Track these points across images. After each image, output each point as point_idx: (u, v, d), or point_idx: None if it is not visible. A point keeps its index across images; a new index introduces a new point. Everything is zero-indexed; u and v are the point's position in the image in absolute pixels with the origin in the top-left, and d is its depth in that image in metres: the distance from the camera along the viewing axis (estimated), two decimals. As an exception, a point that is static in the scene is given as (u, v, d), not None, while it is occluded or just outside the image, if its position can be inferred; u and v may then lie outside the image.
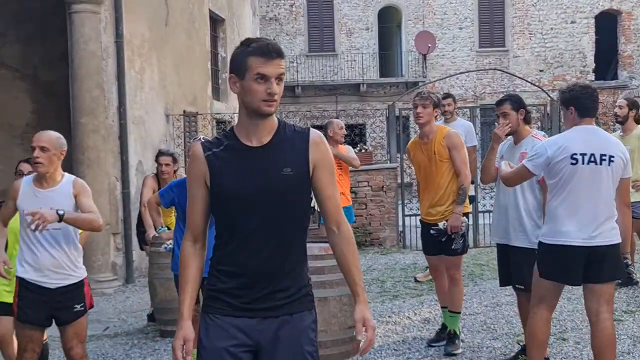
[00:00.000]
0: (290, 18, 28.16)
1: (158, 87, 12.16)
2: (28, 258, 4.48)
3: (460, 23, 28.07)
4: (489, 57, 28.00)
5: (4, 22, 11.84)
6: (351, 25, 28.24)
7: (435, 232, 5.98)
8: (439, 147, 5.98)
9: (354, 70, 27.85)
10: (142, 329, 7.65)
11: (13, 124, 11.91)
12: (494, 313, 7.39)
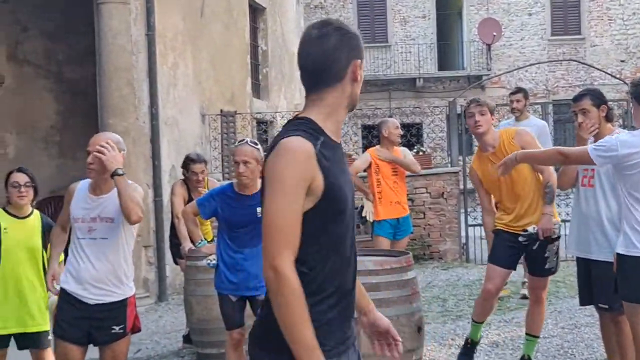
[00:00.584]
0: (337, 6, 28.18)
1: (193, 84, 12.27)
2: (71, 268, 4.57)
3: (529, 8, 27.76)
4: (563, 47, 27.63)
5: (26, 16, 12.08)
6: (406, 13, 28.15)
7: (525, 239, 5.79)
8: (513, 149, 5.73)
9: (409, 63, 27.75)
10: (177, 352, 7.71)
11: (36, 126, 12.14)
12: (571, 336, 7.28)
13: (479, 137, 5.99)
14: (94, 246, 4.54)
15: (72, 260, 4.58)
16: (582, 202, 5.40)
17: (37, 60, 12.16)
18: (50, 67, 12.13)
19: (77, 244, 4.58)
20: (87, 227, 4.55)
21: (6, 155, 12.07)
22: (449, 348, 7.12)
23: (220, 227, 5.58)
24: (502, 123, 9.50)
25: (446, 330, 7.75)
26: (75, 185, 4.74)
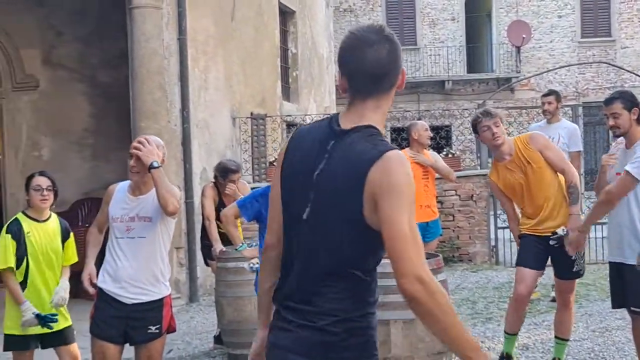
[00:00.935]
0: (366, 9, 28.17)
1: (224, 87, 12.31)
2: (108, 267, 4.59)
3: (559, 10, 27.56)
4: (593, 49, 27.40)
5: (60, 21, 12.19)
6: (435, 15, 28.07)
7: (556, 241, 5.69)
8: (530, 154, 5.74)
9: (438, 66, 27.66)
10: (208, 352, 7.74)
11: (70, 128, 12.22)
12: (602, 339, 7.21)
13: (496, 148, 5.86)
14: (132, 245, 4.57)
15: (110, 259, 4.61)
16: (616, 208, 5.32)
17: (71, 64, 12.24)
18: (84, 70, 12.21)
19: (115, 243, 4.61)
20: (125, 227, 4.57)
21: (41, 158, 12.18)
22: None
23: (262, 230, 5.35)
24: (533, 126, 9.42)
25: (476, 333, 7.71)
26: (114, 187, 4.79)
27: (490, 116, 5.76)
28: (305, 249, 2.55)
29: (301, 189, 2.56)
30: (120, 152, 11.56)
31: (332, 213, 2.47)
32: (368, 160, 2.41)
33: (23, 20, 12.24)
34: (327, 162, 2.50)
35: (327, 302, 2.48)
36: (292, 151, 2.65)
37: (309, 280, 2.52)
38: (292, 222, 2.60)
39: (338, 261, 2.48)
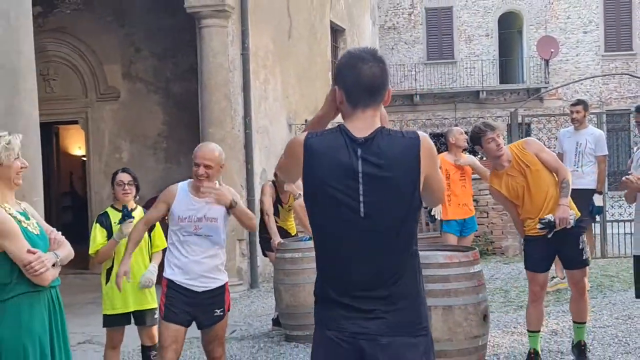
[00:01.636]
0: (408, 26, 28.06)
1: (281, 97, 12.37)
2: (176, 261, 4.58)
3: (584, 27, 27.13)
4: (616, 61, 26.92)
5: (138, 39, 12.36)
6: (470, 32, 27.85)
7: (543, 226, 5.54)
8: (528, 158, 5.61)
9: (473, 77, 27.45)
10: (267, 333, 7.76)
11: (146, 134, 12.39)
12: (625, 326, 7.06)
13: (497, 158, 5.67)
14: (200, 242, 4.57)
15: (177, 254, 4.59)
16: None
17: (148, 77, 12.39)
18: (159, 83, 12.36)
19: (183, 240, 4.58)
20: (193, 226, 4.55)
21: (121, 160, 12.35)
22: (511, 335, 7.00)
23: None
24: (562, 131, 9.26)
25: (509, 319, 7.62)
26: (175, 188, 4.69)
27: (493, 129, 5.63)
28: (369, 242, 2.58)
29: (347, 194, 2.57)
30: (189, 155, 11.64)
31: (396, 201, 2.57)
32: (414, 146, 2.60)
33: (106, 39, 12.45)
34: (365, 166, 2.56)
35: (403, 285, 2.59)
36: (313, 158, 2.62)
37: (386, 268, 2.58)
38: (343, 226, 2.59)
39: (406, 238, 2.61)
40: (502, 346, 6.64)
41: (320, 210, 2.64)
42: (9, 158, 3.44)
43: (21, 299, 3.38)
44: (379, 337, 2.54)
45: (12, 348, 3.33)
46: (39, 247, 3.44)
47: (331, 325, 2.60)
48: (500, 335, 6.98)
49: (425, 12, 27.97)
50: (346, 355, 2.57)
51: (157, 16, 12.11)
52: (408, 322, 2.58)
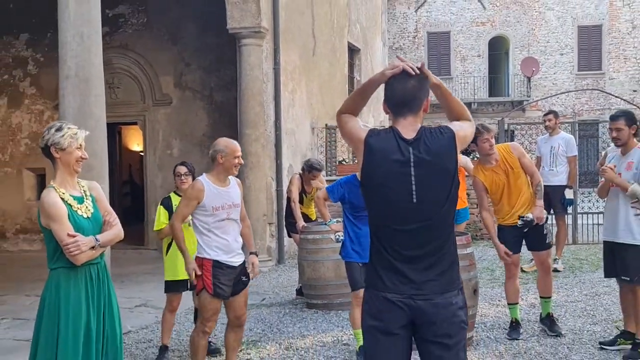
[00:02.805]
0: (413, 47, 27.92)
1: (306, 105, 12.35)
2: (218, 244, 4.45)
3: (561, 50, 26.87)
4: (587, 79, 26.63)
5: (188, 55, 12.39)
6: (465, 52, 27.66)
7: (523, 223, 5.54)
8: (512, 160, 5.57)
9: (466, 91, 27.27)
10: (291, 301, 7.78)
11: (193, 134, 12.42)
12: (593, 301, 7.02)
13: (489, 156, 5.59)
14: (232, 225, 4.52)
15: (216, 238, 4.45)
16: (613, 199, 5.22)
17: (195, 87, 12.42)
18: (204, 92, 12.38)
19: (219, 226, 4.46)
20: (226, 213, 4.47)
21: (172, 155, 12.40)
22: (496, 307, 6.97)
23: (345, 210, 5.32)
24: (540, 138, 9.19)
25: (494, 294, 7.58)
26: (201, 185, 4.43)
27: (489, 131, 5.56)
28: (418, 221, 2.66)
29: (401, 184, 2.66)
30: (229, 151, 11.70)
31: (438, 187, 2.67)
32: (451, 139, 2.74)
33: (162, 54, 12.48)
34: (417, 163, 2.66)
35: (447, 253, 2.72)
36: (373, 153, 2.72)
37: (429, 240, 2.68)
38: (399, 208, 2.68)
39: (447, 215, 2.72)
40: (489, 316, 6.61)
41: (379, 197, 2.71)
42: (71, 145, 3.39)
43: (61, 271, 3.36)
44: (432, 296, 2.65)
45: (50, 309, 3.35)
46: (85, 229, 3.37)
47: (389, 289, 2.67)
48: (487, 307, 6.95)
49: (427, 35, 27.81)
50: (402, 313, 2.66)
51: (204, 36, 12.12)
52: (450, 282, 2.70)
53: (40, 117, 13.36)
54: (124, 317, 6.79)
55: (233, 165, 4.48)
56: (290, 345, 5.83)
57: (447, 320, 2.65)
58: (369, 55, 17.37)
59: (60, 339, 3.31)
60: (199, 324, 4.54)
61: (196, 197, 4.41)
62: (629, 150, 5.16)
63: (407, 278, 2.66)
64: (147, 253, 12.13)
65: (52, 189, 3.37)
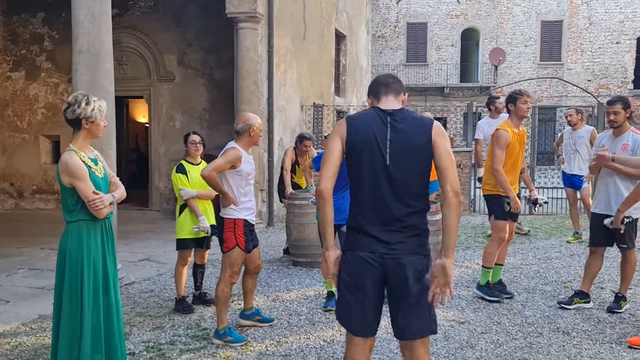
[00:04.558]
0: (393, 36, 27.70)
1: (296, 84, 12.25)
2: (247, 205, 4.50)
3: (525, 42, 26.79)
4: (547, 69, 26.63)
5: (190, 36, 12.21)
6: (440, 42, 27.50)
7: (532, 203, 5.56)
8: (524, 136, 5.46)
9: (440, 77, 27.18)
10: (279, 259, 7.81)
11: (194, 108, 12.31)
12: (545, 265, 7.10)
13: (522, 119, 5.36)
14: (252, 188, 4.62)
15: (246, 200, 4.49)
16: (605, 176, 5.13)
17: (196, 65, 12.27)
18: (204, 70, 12.23)
19: (247, 190, 4.51)
20: (252, 178, 4.57)
21: (174, 127, 12.29)
22: (459, 268, 7.04)
23: None
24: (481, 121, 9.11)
25: (458, 256, 7.65)
26: (238, 152, 4.39)
27: (529, 96, 5.38)
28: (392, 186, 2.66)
29: (377, 147, 2.66)
30: (226, 125, 11.60)
31: (411, 157, 2.66)
32: (429, 124, 2.69)
33: (166, 35, 12.28)
34: (393, 129, 2.67)
35: (417, 219, 2.70)
36: (354, 128, 2.71)
37: (401, 206, 2.67)
38: (374, 171, 2.67)
39: (417, 185, 2.69)
40: (453, 275, 6.67)
41: (357, 162, 2.70)
42: (98, 117, 3.43)
43: (82, 224, 3.38)
44: (402, 256, 2.64)
45: (73, 259, 3.36)
46: (101, 187, 3.43)
47: (364, 248, 2.66)
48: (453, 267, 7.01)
49: (407, 25, 27.57)
50: (374, 270, 2.66)
51: (205, 19, 11.94)
52: (419, 246, 2.69)
53: (56, 90, 13.18)
54: (128, 270, 6.83)
55: (259, 137, 4.56)
56: (277, 297, 5.86)
57: (416, 280, 2.65)
58: (354, 42, 17.21)
59: (84, 286, 3.34)
60: (226, 276, 4.47)
61: (235, 161, 4.40)
62: (623, 133, 5.08)
63: (379, 239, 2.65)
64: (151, 214, 12.09)
65: (74, 152, 3.39)
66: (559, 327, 4.84)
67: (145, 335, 4.73)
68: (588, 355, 4.25)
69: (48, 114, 13.18)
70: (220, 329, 4.53)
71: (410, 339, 2.70)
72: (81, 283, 3.35)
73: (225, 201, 4.44)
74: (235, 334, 4.54)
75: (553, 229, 9.78)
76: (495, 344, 4.47)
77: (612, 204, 5.05)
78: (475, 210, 12.17)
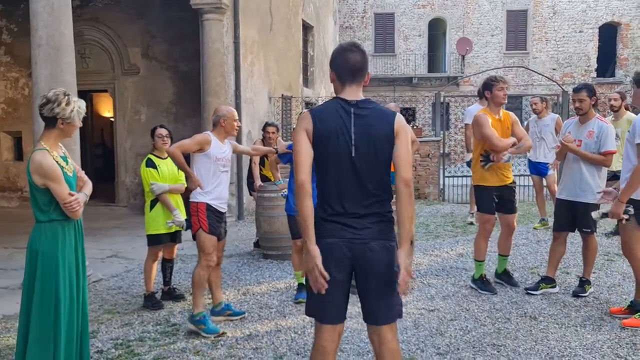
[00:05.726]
0: (361, 27, 27.71)
1: (263, 76, 12.19)
2: (213, 191, 4.58)
3: (492, 31, 27.09)
4: (513, 58, 26.98)
5: (155, 28, 12.03)
6: (407, 32, 27.61)
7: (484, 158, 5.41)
8: (510, 124, 5.43)
9: (408, 67, 27.31)
10: (249, 252, 7.80)
11: (160, 101, 12.15)
12: (512, 251, 7.14)
13: (500, 105, 5.37)
14: (226, 176, 4.69)
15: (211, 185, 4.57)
16: (571, 163, 5.21)
17: (162, 58, 12.10)
18: (170, 62, 12.07)
19: (218, 175, 4.60)
20: (223, 164, 4.64)
21: (140, 121, 12.11)
22: (429, 257, 7.12)
23: (291, 170, 5.31)
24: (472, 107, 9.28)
25: (428, 245, 7.74)
26: (209, 137, 4.60)
27: (505, 82, 5.38)
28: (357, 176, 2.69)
29: (342, 139, 2.69)
30: (193, 118, 11.50)
31: (375, 148, 2.70)
32: (391, 116, 2.73)
33: (130, 27, 12.08)
34: (357, 120, 2.71)
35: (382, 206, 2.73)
36: (319, 119, 2.73)
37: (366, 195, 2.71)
38: (340, 162, 2.70)
39: (381, 175, 2.73)
40: (423, 264, 6.75)
41: (323, 153, 2.72)
42: (78, 120, 3.38)
43: (56, 224, 3.32)
44: (369, 241, 2.69)
45: (47, 259, 3.29)
46: (72, 186, 3.39)
47: (332, 235, 2.70)
48: (422, 257, 7.09)
49: (374, 16, 27.61)
50: (342, 256, 2.69)
51: (169, 10, 11.77)
52: (386, 233, 2.73)
53: (16, 84, 12.86)
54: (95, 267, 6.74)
55: (233, 127, 4.67)
56: (247, 290, 5.85)
57: (383, 264, 2.69)
58: (322, 33, 17.19)
59: (60, 287, 3.28)
60: (202, 260, 4.59)
61: (203, 144, 4.55)
62: (589, 120, 5.16)
63: (346, 225, 2.69)
64: (118, 209, 11.92)
65: (47, 152, 3.31)
66: (526, 312, 4.95)
67: (114, 333, 4.67)
68: (554, 338, 4.35)
69: (8, 110, 12.86)
70: (195, 314, 4.57)
71: (379, 324, 2.74)
72: (56, 284, 3.27)
73: (191, 183, 4.61)
74: (209, 324, 4.55)
75: (520, 216, 9.93)
76: (464, 331, 4.54)
77: (576, 190, 5.17)
78: (445, 199, 12.31)
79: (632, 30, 26.34)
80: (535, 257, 6.95)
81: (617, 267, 6.33)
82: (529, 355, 4.05)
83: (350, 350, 4.17)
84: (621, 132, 7.20)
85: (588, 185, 5.11)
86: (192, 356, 4.14)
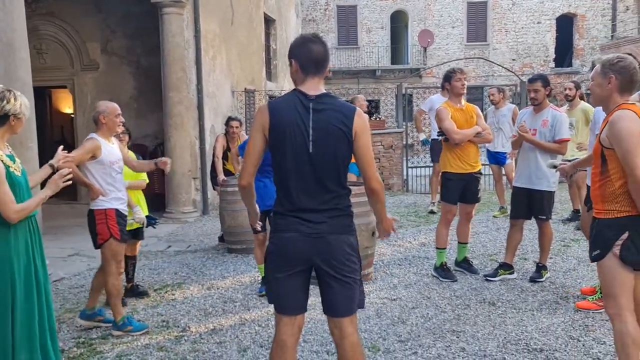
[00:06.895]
0: (324, 19, 27.71)
1: (226, 70, 12.11)
2: (115, 195, 4.39)
3: (453, 23, 27.40)
4: (474, 49, 27.36)
5: (114, 22, 11.83)
6: (370, 25, 27.73)
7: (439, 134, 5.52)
8: (474, 114, 5.53)
9: (371, 59, 27.44)
10: (214, 247, 7.77)
11: (120, 97, 11.92)
12: (472, 239, 7.32)
13: (460, 96, 5.48)
14: (121, 178, 4.52)
15: (114, 190, 4.38)
16: (527, 151, 5.31)
17: (122, 53, 11.92)
18: (130, 57, 11.90)
19: (115, 179, 4.41)
20: (118, 167, 4.44)
21: (101, 117, 11.93)
22: (392, 247, 7.20)
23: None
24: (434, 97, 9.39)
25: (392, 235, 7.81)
26: (97, 141, 4.29)
27: (462, 73, 5.50)
28: (314, 171, 2.69)
29: (300, 134, 2.67)
30: (155, 113, 11.37)
31: (333, 144, 2.68)
32: (351, 111, 2.70)
33: (88, 22, 11.85)
34: (315, 115, 2.68)
35: (340, 201, 2.75)
36: (276, 113, 2.70)
37: (323, 191, 2.71)
38: (297, 157, 2.69)
39: (338, 171, 2.73)
40: (386, 254, 6.83)
41: (281, 149, 2.70)
42: (25, 113, 3.30)
43: (6, 224, 3.20)
44: (327, 235, 2.70)
45: (2, 261, 3.19)
46: (21, 186, 3.28)
47: (290, 229, 2.71)
48: (385, 247, 7.17)
49: (337, 8, 27.63)
50: (300, 249, 2.70)
51: (127, 4, 11.59)
52: (344, 226, 2.74)
53: (-31, 81, 12.50)
54: (57, 266, 6.63)
55: (115, 123, 4.41)
56: (212, 285, 5.84)
57: (340, 256, 2.71)
58: (284, 26, 17.13)
59: (17, 289, 3.20)
60: (112, 270, 4.41)
61: (94, 150, 4.26)
62: (543, 109, 5.28)
63: (304, 219, 2.69)
64: (80, 207, 11.71)
65: None
66: (485, 299, 5.07)
67: (76, 332, 4.62)
68: (512, 323, 4.47)
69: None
70: (118, 320, 4.48)
71: (339, 316, 2.76)
72: (12, 287, 3.20)
73: (92, 193, 4.31)
74: (135, 323, 4.53)
75: (480, 204, 10.11)
76: (425, 318, 4.63)
77: (532, 178, 5.30)
78: (408, 190, 12.45)
79: (587, 22, 26.97)
80: (494, 244, 7.10)
81: (572, 252, 6.52)
82: (487, 340, 4.15)
83: (314, 340, 4.21)
84: (575, 121, 7.39)
85: (543, 174, 5.24)
86: (155, 352, 4.13)
